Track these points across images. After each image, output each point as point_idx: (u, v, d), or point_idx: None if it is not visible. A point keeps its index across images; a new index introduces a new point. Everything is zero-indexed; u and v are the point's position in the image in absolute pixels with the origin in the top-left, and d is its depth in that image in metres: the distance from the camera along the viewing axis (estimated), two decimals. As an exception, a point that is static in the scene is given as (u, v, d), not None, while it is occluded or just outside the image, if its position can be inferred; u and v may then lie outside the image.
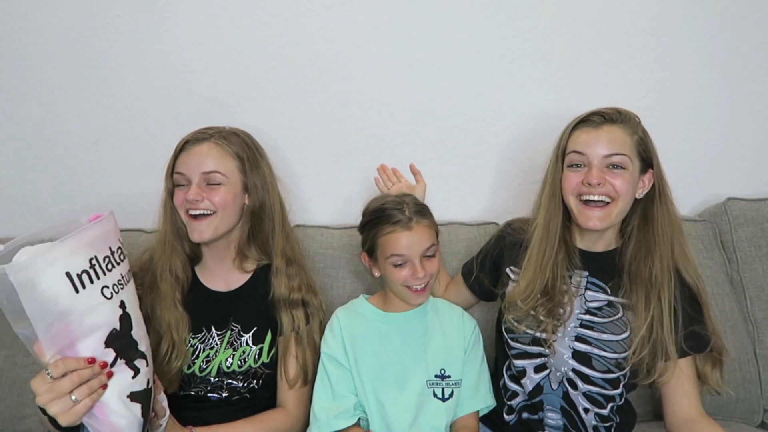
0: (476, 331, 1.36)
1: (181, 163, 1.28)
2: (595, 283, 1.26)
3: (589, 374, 1.21)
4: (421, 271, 1.22)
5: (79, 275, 0.90)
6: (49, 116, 1.74)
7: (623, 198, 1.18)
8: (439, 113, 1.77)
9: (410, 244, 1.22)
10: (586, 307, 1.24)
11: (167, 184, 1.31)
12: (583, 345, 1.22)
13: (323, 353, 1.30)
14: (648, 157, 1.22)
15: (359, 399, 1.27)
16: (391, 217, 1.24)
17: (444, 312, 1.36)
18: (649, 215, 1.23)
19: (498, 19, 1.74)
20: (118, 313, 0.96)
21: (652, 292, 1.18)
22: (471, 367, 1.31)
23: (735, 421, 1.54)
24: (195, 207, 1.25)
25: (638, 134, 1.21)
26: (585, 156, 1.20)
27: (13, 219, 1.77)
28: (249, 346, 1.30)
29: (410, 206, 1.25)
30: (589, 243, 1.28)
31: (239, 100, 1.73)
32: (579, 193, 1.21)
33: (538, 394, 1.26)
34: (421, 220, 1.24)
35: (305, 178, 1.78)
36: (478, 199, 1.81)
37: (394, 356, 1.28)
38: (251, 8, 1.70)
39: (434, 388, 1.27)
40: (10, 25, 1.70)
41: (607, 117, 1.21)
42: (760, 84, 1.80)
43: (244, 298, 1.34)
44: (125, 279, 1.00)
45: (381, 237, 1.24)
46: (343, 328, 1.31)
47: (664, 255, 1.20)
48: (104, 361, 0.93)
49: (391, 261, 1.23)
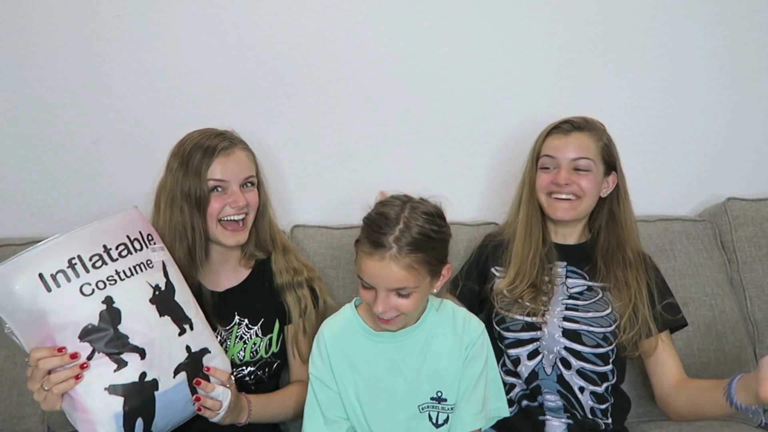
0: (480, 341, 1.20)
1: (218, 170, 1.25)
2: (574, 271, 1.39)
3: (581, 350, 1.30)
4: (381, 306, 1.06)
5: (53, 275, 0.99)
6: (49, 116, 1.73)
7: (588, 196, 1.35)
8: (439, 113, 1.77)
9: (376, 276, 1.05)
10: (569, 293, 1.36)
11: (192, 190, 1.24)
12: (571, 324, 1.32)
13: (311, 374, 1.20)
14: (612, 160, 1.39)
15: (351, 422, 1.19)
16: (374, 234, 1.05)
17: (445, 324, 1.19)
18: (614, 211, 1.40)
19: (498, 19, 1.74)
20: (99, 308, 1.00)
21: (628, 274, 1.33)
22: (465, 383, 1.17)
23: (735, 421, 1.53)
24: (240, 212, 1.27)
25: (603, 141, 1.38)
26: (555, 159, 1.36)
27: (13, 219, 1.77)
28: (259, 338, 1.33)
29: (406, 233, 1.04)
30: (563, 237, 1.43)
31: (239, 100, 1.73)
32: (549, 192, 1.37)
33: (534, 379, 1.32)
34: (403, 257, 1.03)
35: (305, 177, 1.78)
36: (478, 199, 1.81)
37: (384, 379, 1.16)
38: (251, 8, 1.70)
39: (429, 411, 1.17)
40: (10, 25, 1.70)
41: (575, 125, 1.38)
42: (760, 84, 1.80)
43: (248, 292, 1.35)
44: (125, 273, 1.04)
45: (358, 249, 1.10)
46: (330, 347, 1.19)
47: (632, 243, 1.38)
48: (75, 353, 0.98)
49: (360, 280, 1.10)
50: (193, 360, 1.10)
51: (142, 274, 1.07)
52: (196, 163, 1.24)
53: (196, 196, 1.24)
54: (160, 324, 1.06)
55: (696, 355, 1.50)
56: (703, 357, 1.51)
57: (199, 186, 1.24)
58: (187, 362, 1.09)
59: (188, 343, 1.10)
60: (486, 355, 1.21)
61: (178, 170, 1.26)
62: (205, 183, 1.24)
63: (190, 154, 1.25)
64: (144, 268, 1.08)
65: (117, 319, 1.01)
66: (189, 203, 1.24)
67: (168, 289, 1.11)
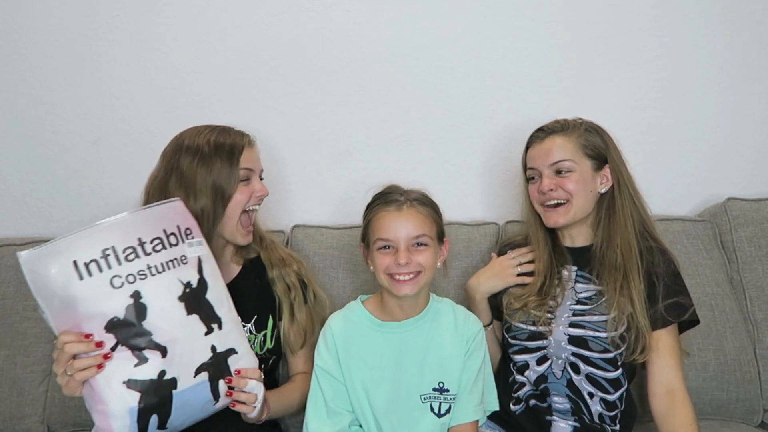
0: (479, 336, 1.27)
1: (247, 159, 1.28)
2: (584, 276, 1.35)
3: (588, 355, 1.28)
4: (404, 257, 1.15)
5: (86, 264, 0.98)
6: (49, 116, 1.74)
7: (577, 196, 1.32)
8: (439, 113, 1.77)
9: (397, 227, 1.16)
10: (577, 298, 1.33)
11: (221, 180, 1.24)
12: (577, 329, 1.29)
13: (317, 366, 1.24)
14: (600, 154, 1.34)
15: (355, 413, 1.22)
16: (386, 197, 1.21)
17: (447, 316, 1.27)
18: (611, 206, 1.35)
19: (498, 19, 1.74)
20: (127, 302, 1.00)
21: (617, 276, 1.29)
22: (467, 374, 1.23)
23: (735, 421, 1.54)
24: (260, 202, 1.31)
25: (582, 138, 1.33)
26: (536, 169, 1.36)
27: (13, 219, 1.77)
28: (253, 335, 1.31)
29: (413, 193, 1.22)
30: (571, 239, 1.40)
31: (239, 100, 1.73)
32: (540, 201, 1.36)
33: (543, 382, 1.31)
34: (417, 206, 1.19)
35: (305, 177, 1.78)
36: (478, 199, 1.81)
37: (388, 370, 1.21)
38: (251, 8, 1.70)
39: (431, 402, 1.21)
40: (10, 25, 1.70)
41: (547, 130, 1.36)
42: (760, 84, 1.80)
43: (240, 290, 1.30)
44: (156, 269, 1.03)
45: (373, 218, 1.20)
46: (337, 339, 1.24)
47: (624, 241, 1.31)
48: (100, 341, 0.98)
49: (377, 245, 1.18)
50: (216, 360, 1.07)
51: (174, 270, 1.06)
52: (226, 153, 1.25)
53: (224, 187, 1.24)
54: (186, 322, 1.04)
55: (696, 355, 1.50)
56: (703, 357, 1.51)
57: (229, 177, 1.24)
58: (211, 362, 1.06)
59: (214, 343, 1.07)
60: (484, 350, 1.28)
61: (199, 163, 1.24)
62: (237, 173, 1.25)
63: (217, 144, 1.26)
64: (177, 264, 1.07)
65: (143, 314, 1.01)
66: (212, 195, 1.23)
67: (200, 287, 1.09)
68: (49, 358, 1.52)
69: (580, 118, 1.38)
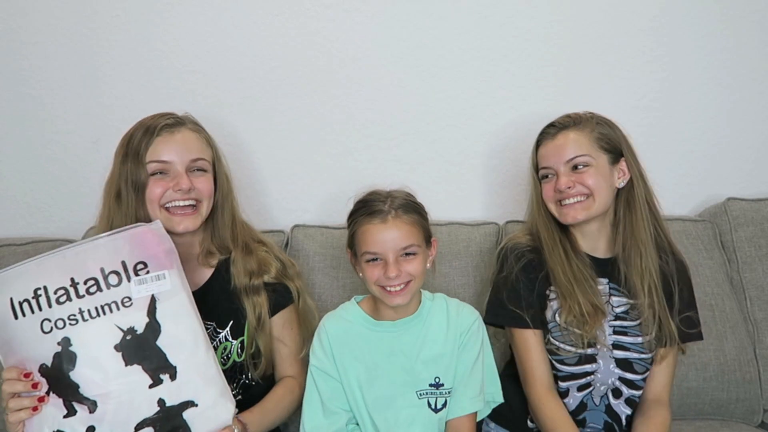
0: (474, 327, 1.24)
1: (160, 150, 1.15)
2: (617, 288, 1.29)
3: (633, 379, 1.25)
4: (393, 270, 1.12)
5: (20, 303, 0.92)
6: (49, 116, 1.73)
7: (598, 190, 1.25)
8: (439, 113, 1.77)
9: (384, 241, 1.13)
10: (615, 313, 1.27)
11: (131, 175, 1.15)
12: (622, 352, 1.25)
13: (312, 366, 1.23)
14: (615, 147, 1.28)
15: (352, 412, 1.22)
16: (370, 207, 1.16)
17: (440, 312, 1.25)
18: (630, 201, 1.28)
19: (498, 19, 1.74)
20: (55, 350, 0.92)
21: (645, 279, 1.24)
22: (462, 367, 1.21)
23: (735, 421, 1.54)
24: (186, 197, 1.17)
25: (595, 131, 1.27)
26: (550, 168, 1.29)
27: (13, 219, 1.77)
28: (229, 341, 1.25)
29: (396, 200, 1.17)
30: (592, 246, 1.31)
31: (239, 100, 1.73)
32: (556, 200, 1.28)
33: (582, 411, 1.27)
34: (402, 216, 1.14)
35: (305, 177, 1.78)
36: (478, 199, 1.81)
37: (384, 367, 1.21)
38: (251, 8, 1.70)
39: (427, 398, 1.20)
40: (10, 25, 1.70)
41: (559, 125, 1.29)
42: (760, 84, 1.80)
43: (212, 295, 1.25)
44: (89, 313, 0.93)
45: (358, 229, 1.17)
46: (331, 338, 1.22)
47: (645, 237, 1.26)
48: (36, 382, 0.93)
49: (366, 258, 1.16)
50: (166, 415, 0.96)
51: (112, 316, 0.95)
52: (135, 143, 1.15)
53: (134, 180, 1.14)
54: (122, 374, 0.93)
55: (696, 355, 1.50)
56: (703, 357, 1.51)
57: (136, 170, 1.13)
58: (156, 417, 0.95)
59: (162, 396, 0.95)
60: (481, 341, 1.25)
61: (120, 155, 1.17)
62: (143, 166, 1.14)
63: (133, 135, 1.17)
64: (116, 307, 0.95)
65: (71, 364, 0.92)
66: (128, 190, 1.14)
67: (148, 332, 0.96)
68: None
69: (589, 111, 1.33)
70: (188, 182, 1.16)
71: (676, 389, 1.48)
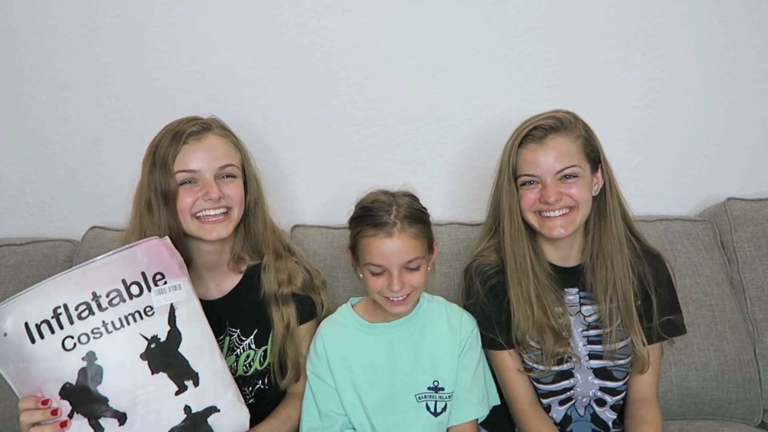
0: (474, 334, 1.25)
1: (187, 159, 1.14)
2: (588, 296, 1.26)
3: (614, 386, 1.24)
4: (397, 283, 1.11)
5: (38, 325, 0.91)
6: (49, 116, 1.73)
7: (583, 203, 1.19)
8: (439, 113, 1.77)
9: (390, 254, 1.11)
10: (587, 323, 1.25)
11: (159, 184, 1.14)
12: (598, 361, 1.24)
13: (308, 371, 1.24)
14: (596, 155, 1.22)
15: (348, 416, 1.22)
16: (375, 218, 1.13)
17: (439, 315, 1.25)
18: (602, 209, 1.23)
19: (498, 19, 1.74)
20: (79, 366, 0.91)
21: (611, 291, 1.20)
22: (465, 373, 1.22)
23: (735, 421, 1.53)
24: (217, 206, 1.15)
25: (582, 136, 1.20)
26: (536, 176, 1.19)
27: (13, 219, 1.77)
28: (252, 350, 1.25)
29: (401, 208, 1.14)
30: (564, 254, 1.27)
31: (239, 100, 1.73)
32: (538, 210, 1.20)
33: (568, 424, 1.26)
34: (408, 228, 1.12)
35: (305, 177, 1.78)
36: (478, 199, 1.80)
37: (381, 371, 1.21)
38: (251, 8, 1.70)
39: (426, 401, 1.20)
40: (10, 25, 1.70)
41: (547, 128, 1.19)
42: (760, 84, 1.79)
43: (239, 302, 1.25)
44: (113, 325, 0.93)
45: (362, 239, 1.15)
46: (327, 344, 1.22)
47: (616, 248, 1.21)
48: (56, 408, 0.92)
49: (369, 269, 1.15)
50: (192, 422, 0.97)
51: (136, 325, 0.95)
52: (162, 152, 1.14)
53: (164, 189, 1.13)
54: (150, 382, 0.94)
55: (696, 355, 1.50)
56: (703, 357, 1.51)
57: (165, 179, 1.12)
58: (185, 425, 0.96)
59: (188, 403, 0.97)
60: (479, 347, 1.26)
61: (148, 164, 1.16)
62: (172, 176, 1.12)
63: (160, 143, 1.16)
64: (140, 317, 0.96)
65: (97, 378, 0.92)
66: (158, 200, 1.13)
67: (170, 340, 0.98)
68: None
69: (565, 110, 1.24)
70: (218, 191, 1.15)
71: (676, 389, 1.49)
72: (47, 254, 1.60)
